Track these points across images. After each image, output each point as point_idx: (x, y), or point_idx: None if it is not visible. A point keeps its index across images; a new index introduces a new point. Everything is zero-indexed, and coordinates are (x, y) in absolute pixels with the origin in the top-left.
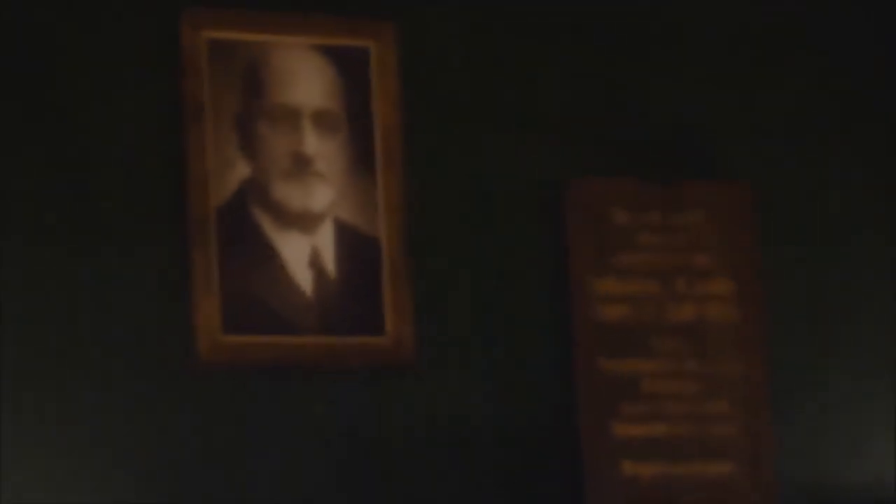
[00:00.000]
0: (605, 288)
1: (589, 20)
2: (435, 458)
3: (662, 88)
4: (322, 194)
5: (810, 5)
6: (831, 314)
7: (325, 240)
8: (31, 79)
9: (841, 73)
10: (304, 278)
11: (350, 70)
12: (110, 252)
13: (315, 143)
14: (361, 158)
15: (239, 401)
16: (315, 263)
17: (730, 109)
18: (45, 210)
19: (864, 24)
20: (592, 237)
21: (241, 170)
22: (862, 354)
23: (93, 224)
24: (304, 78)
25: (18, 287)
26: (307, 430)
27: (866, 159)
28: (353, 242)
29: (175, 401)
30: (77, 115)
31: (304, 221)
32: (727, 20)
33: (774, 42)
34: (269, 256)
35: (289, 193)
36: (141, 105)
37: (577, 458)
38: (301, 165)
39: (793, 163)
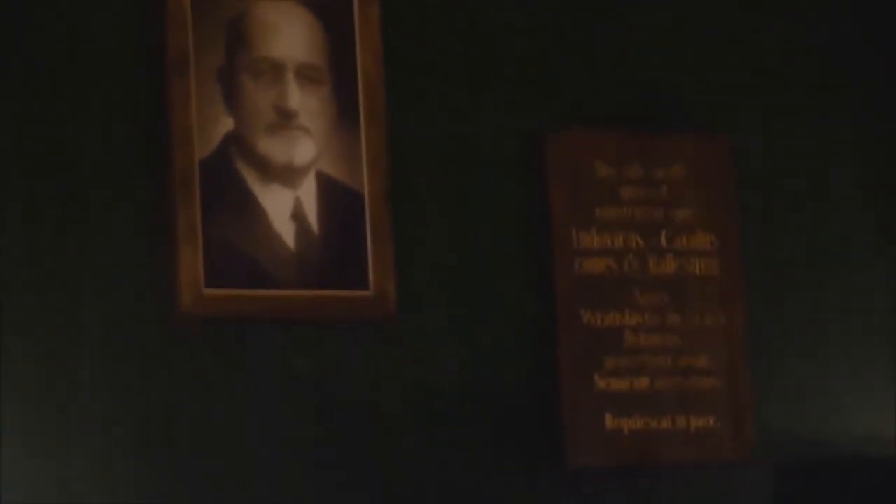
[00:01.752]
0: (586, 241)
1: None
2: (416, 410)
3: (643, 42)
4: (305, 148)
5: None
6: (811, 267)
7: (308, 193)
8: (9, 31)
9: (820, 27)
10: (286, 232)
11: (333, 23)
12: (93, 205)
13: (298, 97)
14: (345, 112)
15: (221, 353)
16: (298, 216)
17: (709, 62)
18: (26, 163)
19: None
20: (573, 190)
21: (225, 123)
22: (842, 307)
23: (75, 178)
24: (288, 31)
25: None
26: (289, 382)
27: (845, 113)
28: (336, 196)
29: (158, 353)
30: (59, 67)
31: (287, 175)
32: None
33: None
34: (252, 210)
35: (272, 147)
36: (124, 58)
37: (558, 412)
38: (285, 119)
39: (772, 116)
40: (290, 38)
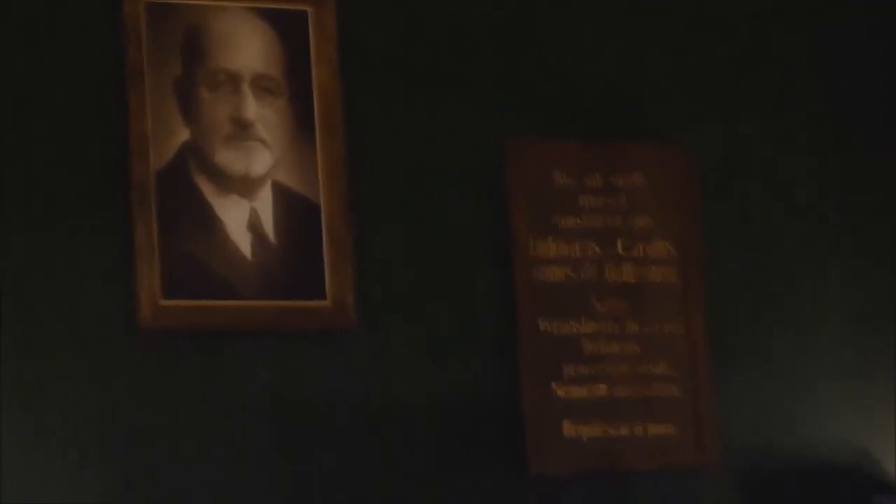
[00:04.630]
0: (544, 250)
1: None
2: (376, 419)
3: (602, 52)
4: (262, 159)
5: None
6: (770, 275)
7: (264, 204)
8: None
9: (777, 37)
10: (243, 242)
11: (289, 34)
12: (50, 217)
13: (255, 108)
14: (301, 123)
15: (181, 365)
16: (254, 227)
17: (668, 71)
18: None
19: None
20: (532, 199)
21: (182, 134)
22: (800, 315)
23: (32, 189)
24: (244, 42)
25: None
26: (248, 393)
27: (803, 123)
28: (292, 206)
29: (117, 365)
30: (15, 78)
31: (244, 185)
32: None
33: (711, 5)
34: (209, 221)
35: (229, 158)
36: (80, 69)
37: (519, 420)
38: (241, 130)
39: (731, 124)
40: (246, 48)
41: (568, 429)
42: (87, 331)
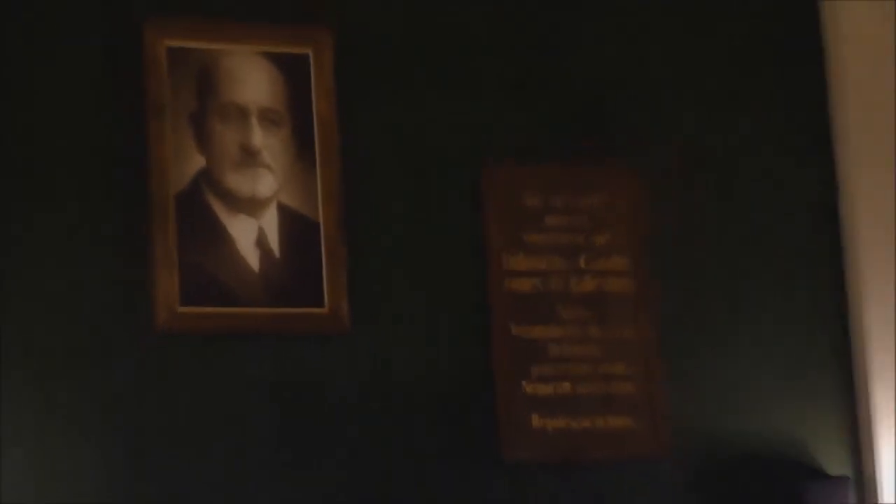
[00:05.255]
0: (516, 263)
1: (508, 29)
2: (368, 413)
3: (570, 85)
4: (267, 182)
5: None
6: (716, 283)
7: (270, 222)
8: (15, 79)
9: (728, 68)
10: (251, 256)
11: (292, 73)
12: (82, 234)
13: (261, 137)
14: (302, 150)
15: (194, 364)
16: (261, 243)
17: (628, 103)
18: (24, 196)
19: (752, 18)
20: (504, 218)
21: (197, 161)
22: (743, 317)
23: (66, 210)
24: (252, 80)
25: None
26: (254, 390)
27: (755, 148)
28: (295, 224)
29: (137, 365)
30: (51, 113)
31: (251, 206)
32: (632, 18)
33: (671, 39)
34: (220, 237)
35: (238, 182)
36: (108, 103)
37: (493, 413)
38: (249, 157)
39: (684, 150)
40: (253, 86)
41: (536, 421)
42: (111, 334)
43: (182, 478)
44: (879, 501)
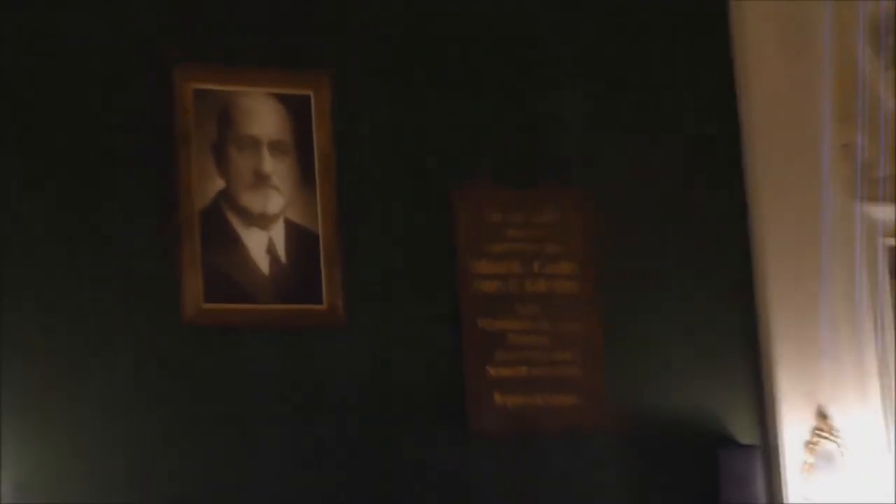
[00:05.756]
0: (482, 269)
1: (478, 62)
2: (358, 393)
3: (527, 121)
4: (276, 201)
5: (647, 40)
6: (646, 284)
7: (278, 234)
8: (70, 114)
9: (671, 110)
10: (262, 262)
11: (296, 111)
12: (120, 245)
13: (271, 164)
14: (305, 175)
15: (216, 354)
16: (270, 251)
17: (575, 133)
18: (69, 210)
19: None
20: (471, 231)
21: (217, 183)
22: (668, 310)
23: (107, 224)
24: (263, 117)
25: (48, 277)
26: (265, 372)
27: (677, 174)
28: (298, 236)
29: (167, 354)
30: (95, 143)
31: (262, 221)
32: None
33: (617, 77)
34: (237, 246)
35: (252, 200)
36: (144, 136)
37: (462, 392)
38: (261, 180)
39: (623, 171)
40: (265, 121)
41: (498, 399)
42: (144, 327)
43: (208, 452)
44: (782, 466)
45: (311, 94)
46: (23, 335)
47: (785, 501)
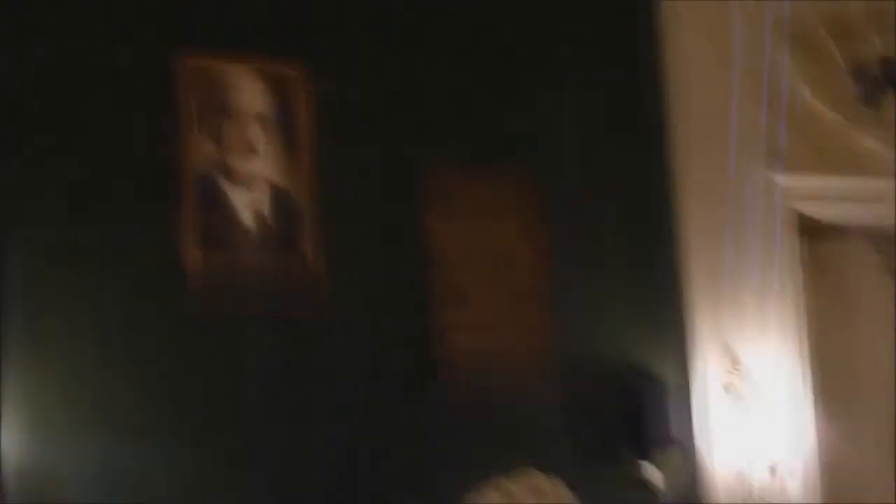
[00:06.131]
0: (445, 230)
1: (448, 75)
2: (346, 356)
3: (496, 107)
4: (262, 166)
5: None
6: (586, 249)
7: (263, 195)
8: (80, 95)
9: (605, 101)
10: (248, 218)
11: (280, 90)
12: (129, 206)
13: (258, 134)
14: (288, 145)
15: (215, 340)
16: (256, 210)
17: (528, 122)
18: (80, 184)
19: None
20: (438, 199)
21: (212, 153)
22: (604, 275)
23: (115, 189)
24: (252, 93)
25: (54, 251)
26: (256, 313)
27: (623, 162)
28: (280, 196)
29: (168, 317)
30: (106, 120)
31: (250, 183)
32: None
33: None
34: (227, 204)
35: (241, 165)
36: (150, 111)
37: (427, 334)
38: (248, 149)
39: (572, 158)
40: (253, 97)
41: (458, 342)
42: (150, 281)
43: (213, 419)
44: (704, 405)
45: (293, 75)
46: (23, 304)
47: (701, 435)
